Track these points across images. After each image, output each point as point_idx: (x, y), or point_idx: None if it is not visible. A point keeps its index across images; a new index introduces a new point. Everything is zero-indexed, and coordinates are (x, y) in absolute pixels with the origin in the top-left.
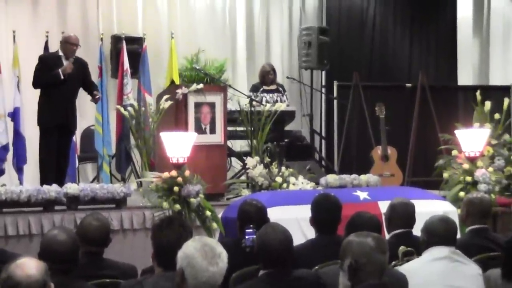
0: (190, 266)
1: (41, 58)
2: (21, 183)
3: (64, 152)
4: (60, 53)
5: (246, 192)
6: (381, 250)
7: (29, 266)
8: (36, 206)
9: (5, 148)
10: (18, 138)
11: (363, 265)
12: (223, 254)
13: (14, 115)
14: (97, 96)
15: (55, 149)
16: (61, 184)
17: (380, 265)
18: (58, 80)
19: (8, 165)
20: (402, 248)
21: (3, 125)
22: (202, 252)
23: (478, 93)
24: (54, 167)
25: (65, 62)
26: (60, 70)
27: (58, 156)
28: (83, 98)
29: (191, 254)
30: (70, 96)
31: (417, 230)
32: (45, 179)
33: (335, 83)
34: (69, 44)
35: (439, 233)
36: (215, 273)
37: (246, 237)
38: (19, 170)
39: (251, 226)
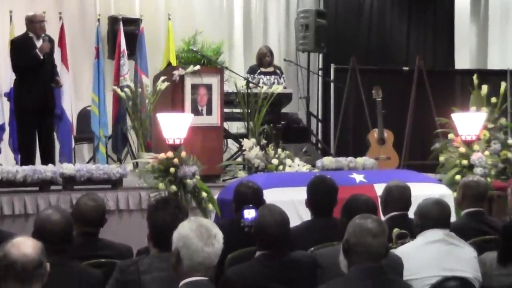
0: (185, 247)
1: (13, 42)
2: (17, 163)
3: (49, 134)
4: (30, 34)
5: (242, 174)
6: (373, 233)
7: (25, 245)
8: (32, 186)
9: (1, 128)
10: (15, 118)
11: (353, 245)
12: (219, 235)
13: (10, 95)
14: (59, 83)
15: (35, 132)
16: (50, 163)
17: (368, 247)
18: (38, 61)
19: (4, 145)
20: (396, 231)
21: None
22: (198, 232)
23: (475, 77)
24: (35, 150)
25: (37, 42)
26: (37, 51)
27: (42, 138)
28: (79, 79)
29: (187, 234)
30: (49, 76)
31: (413, 213)
32: (26, 162)
33: (332, 66)
34: (35, 22)
35: (433, 216)
36: (211, 254)
37: (245, 216)
38: (15, 150)
39: (251, 205)
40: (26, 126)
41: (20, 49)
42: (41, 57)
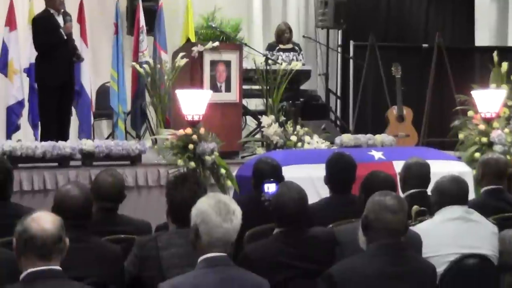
0: (204, 223)
1: (35, 21)
2: (36, 138)
3: (68, 109)
4: (51, 11)
5: (260, 151)
6: (391, 210)
7: (45, 220)
8: (51, 162)
9: (21, 103)
10: (34, 94)
11: (372, 221)
12: (237, 210)
13: (30, 71)
14: (81, 57)
15: (56, 107)
16: (65, 139)
17: (387, 224)
18: (62, 40)
19: (24, 121)
20: (415, 208)
21: (18, 81)
22: (216, 208)
23: (495, 54)
24: (56, 125)
25: (58, 18)
26: (61, 30)
27: (61, 113)
28: (97, 55)
29: (205, 210)
30: (70, 52)
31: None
32: (46, 138)
33: (351, 43)
34: None
35: (451, 193)
36: (229, 230)
37: (266, 190)
38: (34, 126)
39: (272, 180)
40: (48, 101)
41: (43, 27)
42: (65, 37)
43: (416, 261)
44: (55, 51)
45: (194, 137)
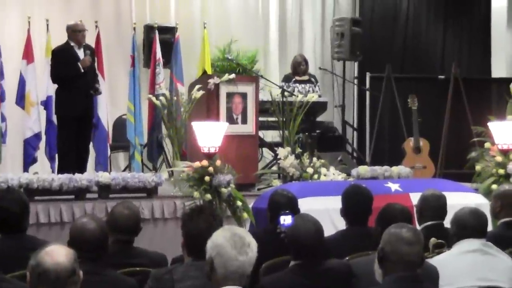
0: (219, 255)
1: (54, 53)
2: (53, 171)
3: (86, 142)
4: (72, 43)
5: (277, 183)
6: (407, 242)
7: (58, 253)
8: (67, 194)
9: (38, 136)
10: (51, 126)
11: (388, 253)
12: (253, 243)
13: (47, 104)
14: (98, 91)
15: (74, 139)
16: (82, 171)
17: (403, 256)
18: (78, 73)
19: (41, 154)
20: (432, 240)
21: (35, 113)
22: (232, 241)
23: (511, 85)
24: (74, 157)
25: (78, 51)
26: (79, 63)
27: (79, 146)
28: (114, 87)
29: (221, 243)
30: (89, 85)
31: (449, 223)
32: (63, 170)
33: (368, 75)
34: (77, 32)
35: (470, 225)
36: (244, 263)
37: (282, 222)
38: (51, 158)
39: (287, 211)
40: (67, 132)
41: (61, 59)
42: (82, 70)
43: None
44: (73, 82)
45: (210, 169)
